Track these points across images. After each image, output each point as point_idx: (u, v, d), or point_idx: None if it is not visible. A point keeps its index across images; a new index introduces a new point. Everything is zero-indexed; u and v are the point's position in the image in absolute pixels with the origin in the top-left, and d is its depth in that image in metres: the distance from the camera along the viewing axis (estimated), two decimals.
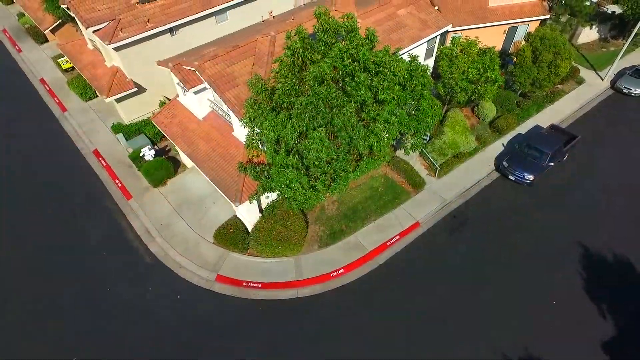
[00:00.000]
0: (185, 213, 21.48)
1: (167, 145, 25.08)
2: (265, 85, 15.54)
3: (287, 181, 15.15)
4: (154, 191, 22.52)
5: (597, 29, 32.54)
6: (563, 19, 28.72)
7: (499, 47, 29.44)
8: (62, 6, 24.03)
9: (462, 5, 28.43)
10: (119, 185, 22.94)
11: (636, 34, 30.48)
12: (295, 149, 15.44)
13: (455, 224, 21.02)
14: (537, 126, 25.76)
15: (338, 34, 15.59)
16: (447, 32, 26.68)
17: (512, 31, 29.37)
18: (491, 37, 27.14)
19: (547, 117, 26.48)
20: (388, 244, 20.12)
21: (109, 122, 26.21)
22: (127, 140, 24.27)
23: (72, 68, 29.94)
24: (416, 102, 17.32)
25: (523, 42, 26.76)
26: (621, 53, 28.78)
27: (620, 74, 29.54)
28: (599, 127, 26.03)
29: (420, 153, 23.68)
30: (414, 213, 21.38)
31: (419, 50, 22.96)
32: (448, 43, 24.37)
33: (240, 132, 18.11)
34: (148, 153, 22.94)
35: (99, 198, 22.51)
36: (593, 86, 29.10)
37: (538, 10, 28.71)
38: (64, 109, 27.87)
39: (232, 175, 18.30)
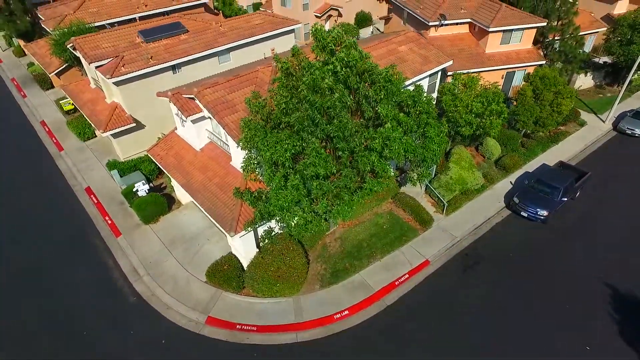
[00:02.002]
0: (177, 250, 19.96)
1: (162, 183, 24.16)
2: (262, 103, 15.05)
3: (286, 204, 14.03)
4: (145, 228, 21.17)
5: (592, 75, 33.29)
6: (558, 65, 29.41)
7: None
8: (68, 46, 24.50)
9: (459, 52, 29.23)
10: (109, 222, 21.67)
11: (630, 81, 31.10)
12: (293, 170, 14.54)
13: (468, 262, 19.48)
14: (544, 164, 25.09)
15: (332, 54, 15.46)
16: (446, 75, 27.12)
17: (510, 75, 29.92)
18: (490, 81, 27.48)
19: (553, 156, 25.93)
20: (396, 283, 18.44)
21: (105, 160, 25.49)
22: (121, 177, 23.41)
23: (74, 110, 29.97)
24: (422, 129, 16.76)
25: (523, 83, 27.03)
26: (619, 97, 29.07)
27: (621, 117, 29.61)
28: (609, 166, 25.42)
29: (426, 189, 22.74)
30: (423, 251, 19.92)
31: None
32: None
33: (239, 161, 17.28)
34: (142, 188, 21.93)
35: (87, 236, 21.09)
36: (595, 128, 29.00)
37: (533, 57, 29.48)
38: (60, 149, 27.37)
39: (228, 204, 17.17)
